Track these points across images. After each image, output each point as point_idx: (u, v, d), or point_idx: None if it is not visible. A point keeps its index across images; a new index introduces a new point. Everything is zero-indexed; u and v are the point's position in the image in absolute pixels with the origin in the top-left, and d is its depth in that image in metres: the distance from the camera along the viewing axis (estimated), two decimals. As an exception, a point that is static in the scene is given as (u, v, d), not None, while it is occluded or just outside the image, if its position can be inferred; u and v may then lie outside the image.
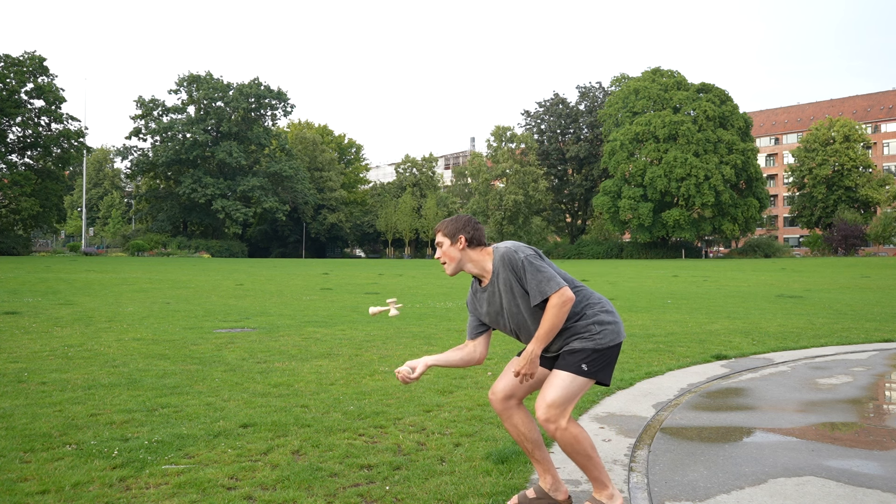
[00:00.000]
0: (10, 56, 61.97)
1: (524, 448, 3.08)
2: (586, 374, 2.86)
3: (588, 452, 2.87)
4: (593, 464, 2.89)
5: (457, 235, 2.99)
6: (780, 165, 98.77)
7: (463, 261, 3.00)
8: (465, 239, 2.97)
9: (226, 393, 5.17)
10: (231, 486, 3.22)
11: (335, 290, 18.27)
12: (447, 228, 3.01)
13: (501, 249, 2.91)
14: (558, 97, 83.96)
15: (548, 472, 3.06)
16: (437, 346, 7.82)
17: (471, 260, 2.99)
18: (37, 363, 6.34)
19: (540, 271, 2.81)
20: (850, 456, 3.78)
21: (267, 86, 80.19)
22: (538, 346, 2.81)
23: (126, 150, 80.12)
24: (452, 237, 2.99)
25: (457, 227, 2.99)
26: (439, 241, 3.03)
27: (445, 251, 3.01)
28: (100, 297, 14.90)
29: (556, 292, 2.77)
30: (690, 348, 7.72)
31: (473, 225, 3.01)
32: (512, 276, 2.88)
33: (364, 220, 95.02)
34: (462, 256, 2.99)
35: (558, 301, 2.77)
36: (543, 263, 2.86)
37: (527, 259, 2.84)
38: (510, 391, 3.03)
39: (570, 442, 2.84)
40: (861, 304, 14.37)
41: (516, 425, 3.04)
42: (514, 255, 2.87)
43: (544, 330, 2.80)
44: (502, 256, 2.89)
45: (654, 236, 68.85)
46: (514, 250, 2.88)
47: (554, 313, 2.78)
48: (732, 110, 67.42)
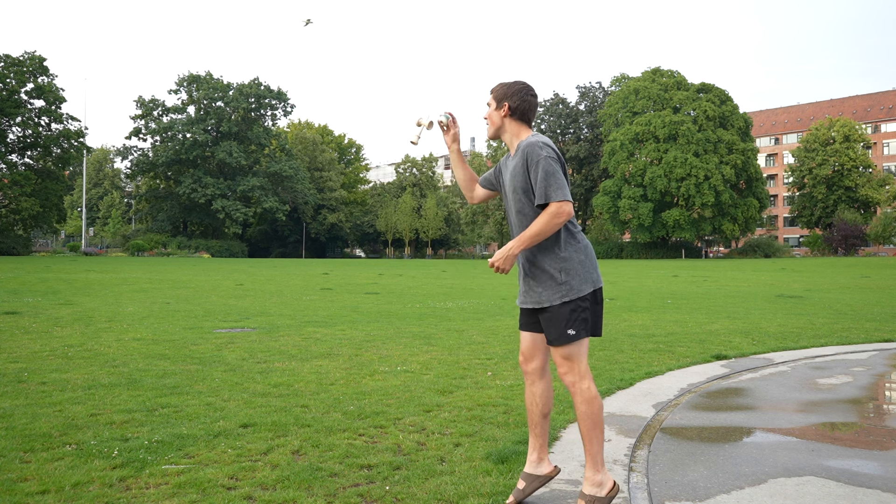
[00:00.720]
0: (10, 56, 62.04)
1: (530, 416, 3.12)
2: (577, 337, 2.88)
3: (599, 421, 2.89)
4: (598, 436, 2.90)
5: (503, 102, 2.98)
6: (780, 165, 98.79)
7: (503, 128, 3.00)
8: (509, 107, 2.97)
9: (226, 393, 5.17)
10: (231, 486, 3.22)
11: (335, 290, 18.27)
12: (497, 91, 3.01)
13: (532, 139, 2.88)
14: (558, 97, 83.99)
15: (537, 448, 3.10)
16: (437, 346, 7.82)
17: (507, 130, 3.00)
18: (37, 363, 6.33)
19: (553, 175, 2.78)
20: (850, 456, 3.78)
21: (267, 86, 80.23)
22: (518, 245, 2.81)
23: (126, 150, 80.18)
24: (499, 102, 2.99)
25: (505, 94, 2.98)
26: (488, 101, 3.04)
27: (490, 113, 3.03)
28: (100, 297, 14.90)
29: (559, 202, 2.76)
30: (690, 348, 7.72)
31: (522, 96, 2.98)
32: (521, 167, 2.87)
33: (364, 220, 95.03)
34: (502, 124, 3.00)
35: (555, 210, 2.75)
36: (559, 169, 2.82)
37: (546, 159, 2.81)
38: (530, 352, 3.09)
39: (590, 401, 2.87)
40: (861, 304, 14.37)
41: (535, 393, 3.09)
42: (537, 150, 2.83)
43: (530, 232, 2.78)
44: (528, 144, 2.87)
45: (654, 236, 68.86)
46: (540, 146, 2.84)
47: (546, 220, 2.76)
48: (732, 110, 67.44)
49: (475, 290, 19.15)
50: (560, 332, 2.88)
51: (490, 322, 10.47)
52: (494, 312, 12.10)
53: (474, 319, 10.86)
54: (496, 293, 17.57)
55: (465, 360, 6.76)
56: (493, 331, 9.30)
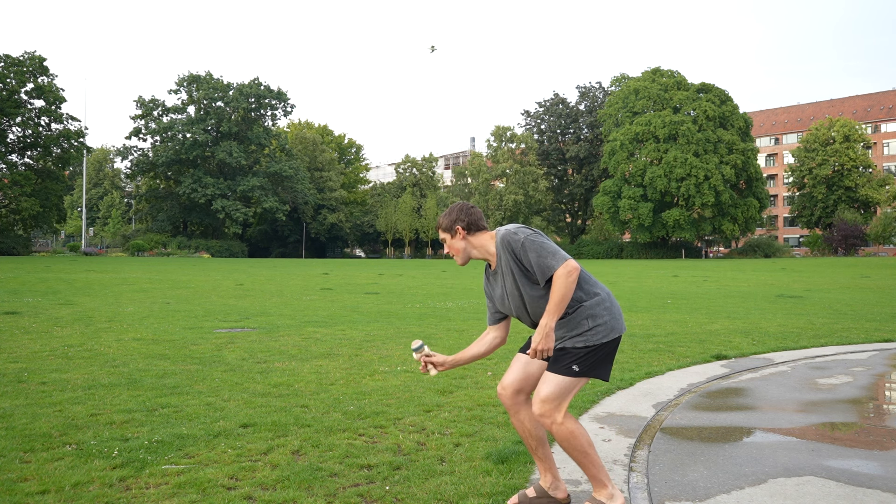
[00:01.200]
0: (10, 56, 61.98)
1: (528, 445, 3.08)
2: (578, 374, 2.86)
3: (585, 449, 2.87)
4: (590, 461, 2.89)
5: (453, 227, 3.01)
6: (780, 165, 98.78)
7: (468, 249, 3.02)
8: (462, 228, 3.00)
9: (226, 393, 5.17)
10: (231, 486, 3.22)
11: (335, 290, 18.27)
12: (443, 223, 3.05)
13: (502, 232, 2.94)
14: (558, 97, 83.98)
15: (548, 471, 3.07)
16: (437, 346, 7.82)
17: (474, 246, 3.02)
18: (37, 363, 6.34)
19: (542, 247, 2.82)
20: (850, 456, 3.78)
21: (267, 86, 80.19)
22: (551, 318, 2.79)
23: (126, 150, 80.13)
24: (450, 230, 3.03)
25: (451, 219, 3.02)
26: (441, 237, 3.07)
27: (449, 244, 3.05)
28: (100, 297, 14.90)
29: (562, 265, 2.78)
30: (690, 348, 7.72)
31: (466, 211, 3.03)
32: (511, 259, 2.89)
33: (364, 220, 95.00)
34: (466, 245, 3.02)
35: (564, 272, 2.77)
36: (544, 241, 2.85)
37: (527, 239, 2.85)
38: (519, 385, 3.04)
39: (567, 437, 2.85)
40: (861, 304, 14.37)
41: (522, 421, 3.04)
42: (514, 237, 2.87)
43: (554, 301, 2.78)
44: (502, 239, 2.92)
45: (654, 236, 68.85)
46: (514, 232, 2.89)
47: (562, 283, 2.77)
48: (732, 110, 67.43)
49: (475, 290, 19.15)
50: (565, 365, 2.86)
51: (490, 322, 10.46)
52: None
53: (474, 319, 10.86)
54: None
55: (465, 360, 6.76)
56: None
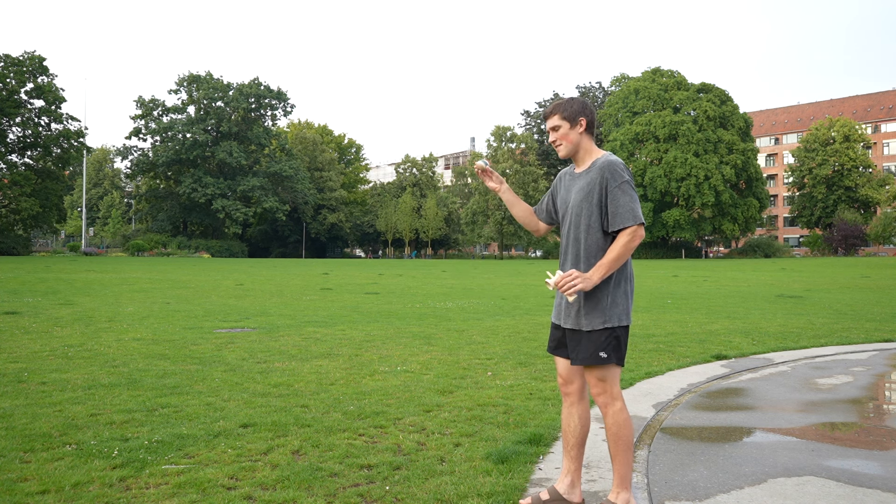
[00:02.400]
0: (10, 56, 61.99)
1: (566, 440, 3.06)
2: (608, 361, 2.86)
3: (629, 443, 2.88)
4: (627, 459, 2.89)
5: (577, 118, 2.93)
6: (780, 165, 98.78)
7: (580, 145, 2.95)
8: (587, 122, 2.93)
9: (226, 393, 5.17)
10: (231, 486, 3.22)
11: (335, 290, 18.27)
12: (566, 111, 2.93)
13: (612, 157, 2.88)
14: (558, 97, 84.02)
15: (571, 473, 3.05)
16: (437, 346, 7.82)
17: (583, 147, 2.96)
18: (37, 363, 6.33)
19: (633, 200, 2.80)
20: (850, 456, 3.78)
21: (267, 86, 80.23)
22: (599, 274, 2.78)
23: (126, 150, 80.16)
24: (573, 120, 2.93)
25: (577, 110, 2.93)
26: (556, 124, 2.95)
27: (563, 133, 2.94)
28: (100, 297, 14.90)
29: (634, 226, 2.77)
30: (690, 348, 7.72)
31: (591, 109, 2.97)
32: (597, 184, 2.84)
33: (364, 220, 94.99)
34: (580, 140, 2.95)
35: (630, 236, 2.77)
36: (634, 193, 2.83)
37: (629, 182, 2.82)
38: (570, 372, 3.03)
39: (621, 424, 2.86)
40: (861, 304, 14.37)
41: (573, 414, 3.04)
42: (618, 170, 2.83)
43: (609, 258, 2.77)
44: (610, 163, 2.85)
45: (654, 236, 68.86)
46: (622, 167, 2.85)
47: (623, 243, 2.77)
48: (732, 110, 67.44)
49: (475, 290, 19.15)
50: (591, 353, 2.86)
51: (490, 322, 10.47)
52: (494, 312, 12.10)
53: (474, 319, 10.86)
54: (496, 293, 17.58)
55: (465, 360, 6.76)
56: (493, 331, 9.30)
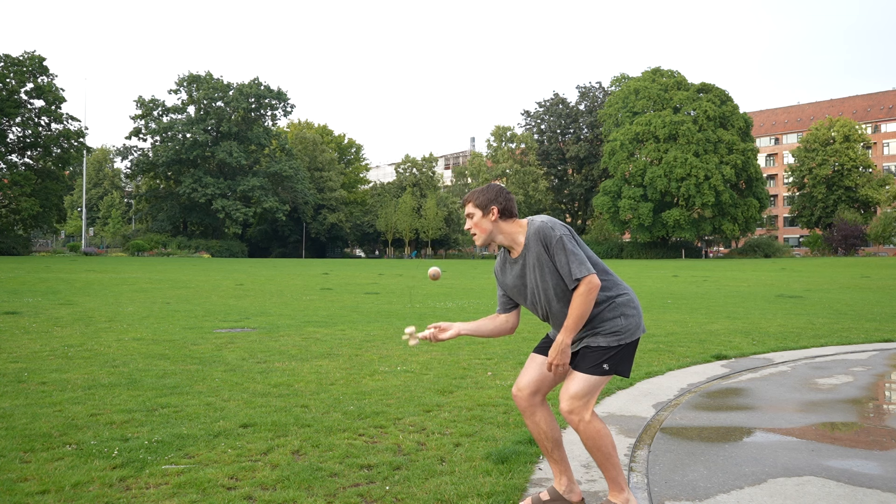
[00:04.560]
0: (10, 56, 61.97)
1: (543, 447, 3.05)
2: (608, 373, 2.86)
3: (608, 451, 2.86)
4: (611, 463, 2.87)
5: (489, 206, 2.92)
6: (780, 165, 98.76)
7: (494, 232, 2.94)
8: (498, 210, 2.91)
9: (226, 393, 5.17)
10: (231, 486, 3.22)
11: (335, 290, 18.27)
12: (478, 199, 2.93)
13: (537, 223, 2.85)
14: (558, 97, 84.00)
15: (563, 474, 3.04)
16: (437, 346, 7.82)
17: (502, 231, 2.93)
18: (37, 363, 6.34)
19: (573, 253, 2.78)
20: (850, 456, 3.78)
21: (267, 86, 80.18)
22: (567, 336, 2.79)
23: (126, 150, 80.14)
24: (484, 208, 2.92)
25: (489, 198, 2.92)
26: (470, 211, 2.96)
27: (476, 222, 2.94)
28: (100, 297, 14.90)
29: (584, 279, 2.75)
30: (690, 348, 7.72)
31: (505, 195, 2.95)
32: (544, 253, 2.83)
33: (364, 220, 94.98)
34: (493, 228, 2.93)
35: (585, 289, 2.75)
36: (576, 245, 2.82)
37: (562, 238, 2.79)
38: (535, 387, 3.01)
39: (593, 436, 2.83)
40: (861, 304, 14.37)
41: (538, 423, 3.01)
42: (550, 232, 2.80)
43: (572, 319, 2.77)
44: (537, 230, 2.83)
45: (654, 236, 68.87)
46: (551, 226, 2.82)
47: (580, 301, 2.76)
48: (732, 110, 67.44)
49: (475, 290, 19.15)
50: (595, 363, 2.85)
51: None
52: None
53: (474, 319, 10.86)
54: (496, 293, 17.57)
55: (465, 360, 6.76)
56: (493, 331, 9.29)
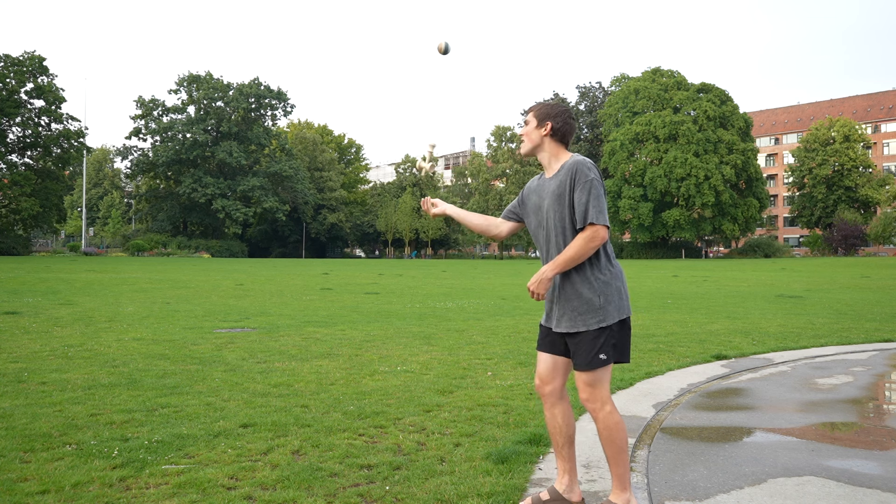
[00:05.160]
0: (10, 56, 61.99)
1: (554, 440, 3.06)
2: (606, 363, 2.86)
3: (622, 445, 2.87)
4: (622, 459, 2.88)
5: (545, 121, 2.97)
6: (780, 165, 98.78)
7: (540, 147, 2.99)
8: (552, 127, 2.96)
9: (226, 393, 5.17)
10: (231, 486, 3.22)
11: (335, 290, 18.27)
12: (539, 110, 2.99)
13: (579, 158, 2.89)
14: (558, 97, 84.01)
15: (567, 473, 3.04)
16: (437, 346, 7.82)
17: (546, 149, 2.99)
18: (37, 363, 6.33)
19: (598, 198, 2.80)
20: (850, 456, 3.78)
21: (267, 86, 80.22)
22: (552, 269, 2.81)
23: (126, 150, 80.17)
24: (541, 120, 2.98)
25: (548, 113, 2.98)
26: (527, 119, 3.01)
27: (528, 131, 3.00)
28: (100, 297, 14.90)
29: (596, 226, 2.76)
30: (690, 348, 7.72)
31: (565, 118, 2.98)
32: (568, 185, 2.86)
33: (364, 220, 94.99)
34: (542, 143, 2.98)
35: (590, 234, 2.77)
36: (603, 195, 2.84)
37: (594, 181, 2.82)
38: (552, 373, 3.02)
39: (611, 426, 2.85)
40: (861, 304, 14.37)
41: (556, 416, 3.03)
42: (586, 171, 2.83)
43: (565, 257, 2.79)
44: (575, 163, 2.87)
45: (654, 236, 68.88)
46: (589, 167, 2.85)
47: (581, 244, 2.77)
48: (732, 110, 67.45)
49: (475, 290, 19.15)
50: (591, 356, 2.85)
51: (490, 322, 10.47)
52: (494, 312, 12.10)
53: (474, 319, 10.86)
54: (496, 293, 17.57)
55: (465, 360, 6.76)
56: (493, 331, 9.30)
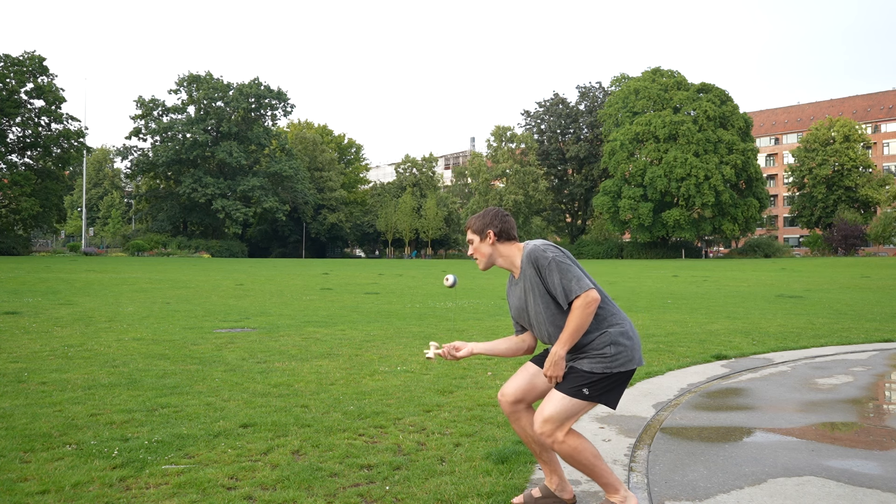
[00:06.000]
0: (10, 56, 61.90)
1: (531, 449, 3.07)
2: (587, 398, 2.82)
3: (591, 462, 2.84)
4: (598, 471, 2.86)
5: (485, 231, 3.00)
6: (780, 165, 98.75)
7: (493, 256, 3.01)
8: (494, 234, 2.99)
9: (226, 393, 5.17)
10: (231, 486, 3.22)
11: (335, 290, 18.27)
12: (475, 225, 3.03)
13: (530, 247, 2.90)
14: (558, 97, 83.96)
15: (554, 473, 3.06)
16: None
17: (501, 255, 3.01)
18: (37, 363, 6.33)
19: (568, 271, 2.79)
20: (850, 456, 3.78)
21: (267, 86, 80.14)
22: (562, 347, 2.79)
23: (126, 150, 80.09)
24: (481, 233, 3.01)
25: (484, 223, 3.00)
26: (469, 238, 3.05)
27: (476, 247, 3.03)
28: (100, 297, 14.89)
29: (583, 293, 2.75)
30: (690, 348, 7.72)
31: (501, 218, 3.01)
32: (536, 276, 2.86)
33: (364, 220, 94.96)
34: (493, 251, 3.01)
35: (583, 302, 2.75)
36: (571, 264, 2.83)
37: (554, 259, 2.81)
38: (520, 395, 3.02)
39: (570, 453, 2.83)
40: (861, 304, 14.37)
41: (524, 428, 3.03)
42: (542, 255, 2.84)
43: (569, 331, 2.77)
44: (529, 254, 2.88)
45: (654, 236, 68.85)
46: (543, 249, 2.85)
47: (579, 314, 2.75)
48: (732, 110, 67.42)
49: (475, 290, 19.15)
50: (575, 386, 2.82)
51: (490, 322, 10.46)
52: (494, 312, 12.10)
53: (474, 319, 10.86)
54: (496, 293, 17.57)
55: (465, 361, 6.76)
56: (493, 331, 9.30)
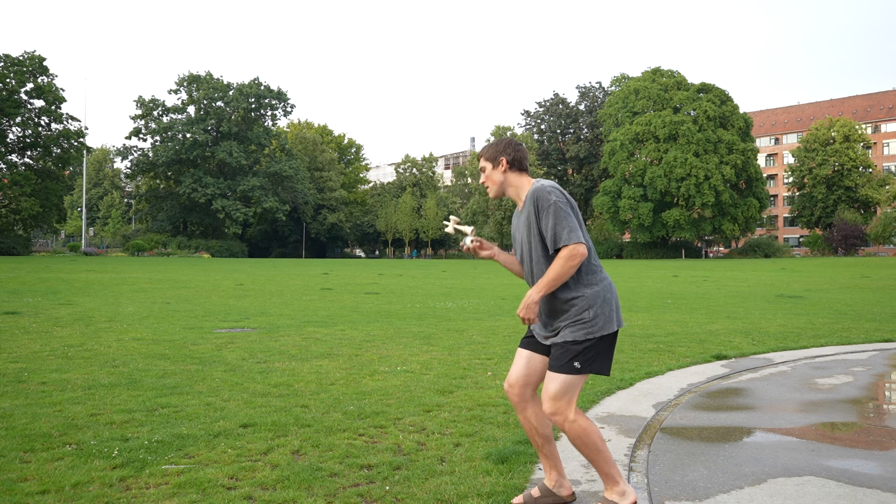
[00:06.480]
0: (10, 56, 61.92)
1: (534, 442, 3.08)
2: (580, 371, 2.84)
3: (598, 446, 2.86)
4: (603, 458, 2.88)
5: (498, 158, 2.99)
6: (780, 165, 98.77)
7: (504, 184, 3.01)
8: (507, 161, 2.98)
9: (226, 393, 5.17)
10: (231, 486, 3.22)
11: (335, 290, 18.27)
12: (488, 152, 3.02)
13: (537, 184, 2.88)
14: (558, 97, 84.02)
15: (554, 469, 3.07)
16: (437, 346, 7.82)
17: (511, 184, 3.01)
18: (37, 363, 6.34)
19: (564, 219, 2.77)
20: (850, 456, 3.78)
21: (267, 86, 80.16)
22: (537, 293, 2.79)
23: (126, 150, 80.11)
24: (494, 160, 3.00)
25: (497, 150, 3.00)
26: (482, 165, 3.04)
27: (488, 175, 3.03)
28: (100, 297, 14.89)
29: (571, 244, 2.74)
30: (690, 348, 7.72)
31: (514, 147, 3.00)
32: (534, 214, 2.85)
33: (364, 220, 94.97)
34: (504, 179, 3.00)
35: (568, 253, 2.74)
36: (570, 213, 2.80)
37: (556, 203, 2.79)
38: (524, 380, 3.03)
39: (579, 434, 2.84)
40: (861, 304, 14.37)
41: (529, 418, 3.04)
42: (545, 195, 2.81)
43: (548, 278, 2.76)
44: (534, 191, 2.86)
45: (654, 236, 68.86)
46: (548, 190, 2.82)
47: (561, 264, 2.75)
48: (732, 110, 67.43)
49: (475, 290, 19.15)
50: (567, 362, 2.84)
51: (490, 322, 10.47)
52: (494, 312, 12.10)
53: (474, 319, 10.86)
54: (496, 293, 17.57)
55: (465, 360, 6.76)
56: (493, 331, 9.30)
